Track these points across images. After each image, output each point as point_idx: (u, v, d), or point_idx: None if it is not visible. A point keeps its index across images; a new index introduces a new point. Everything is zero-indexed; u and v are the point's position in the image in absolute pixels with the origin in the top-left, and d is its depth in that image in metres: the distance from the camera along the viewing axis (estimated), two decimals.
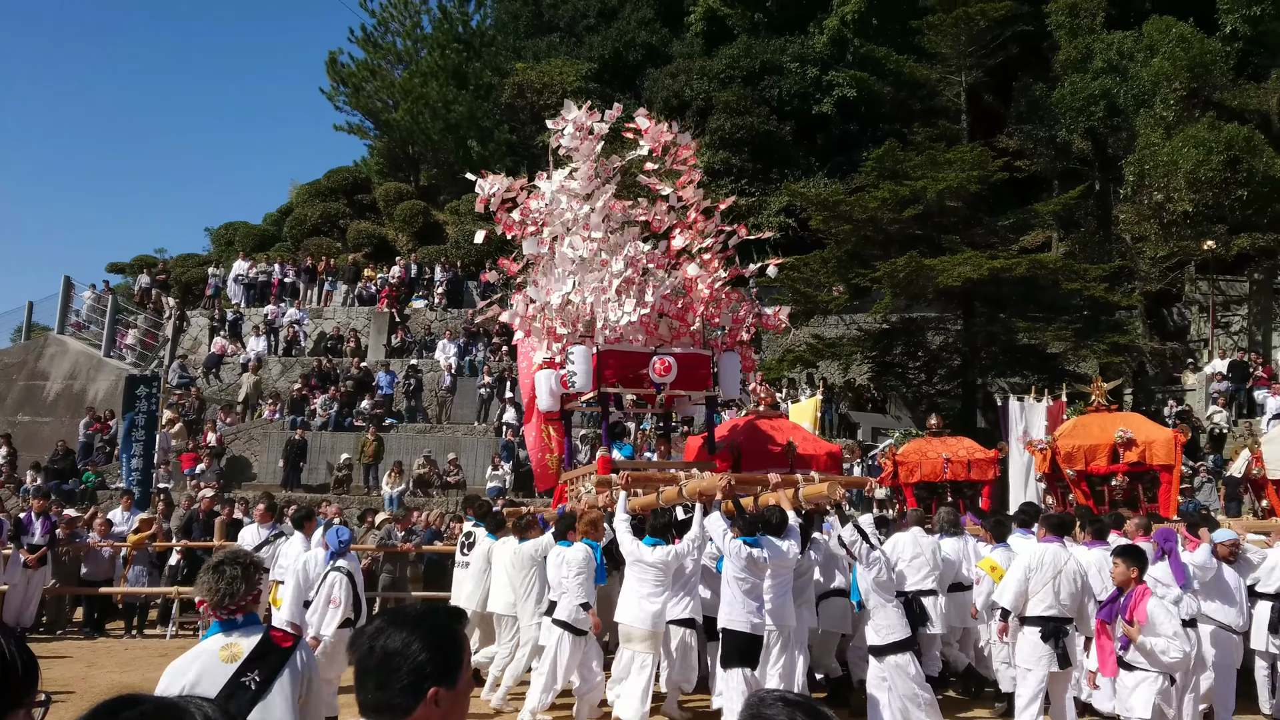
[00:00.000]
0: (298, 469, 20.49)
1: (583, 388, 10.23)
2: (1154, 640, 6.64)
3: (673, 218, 10.86)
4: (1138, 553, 7.15)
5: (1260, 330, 26.01)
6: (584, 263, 10.36)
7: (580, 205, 10.47)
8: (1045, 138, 25.77)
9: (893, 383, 23.77)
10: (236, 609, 4.06)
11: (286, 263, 29.01)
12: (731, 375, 10.84)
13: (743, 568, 7.74)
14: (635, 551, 8.39)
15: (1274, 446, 12.03)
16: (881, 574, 7.93)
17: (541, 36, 39.82)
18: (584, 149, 10.61)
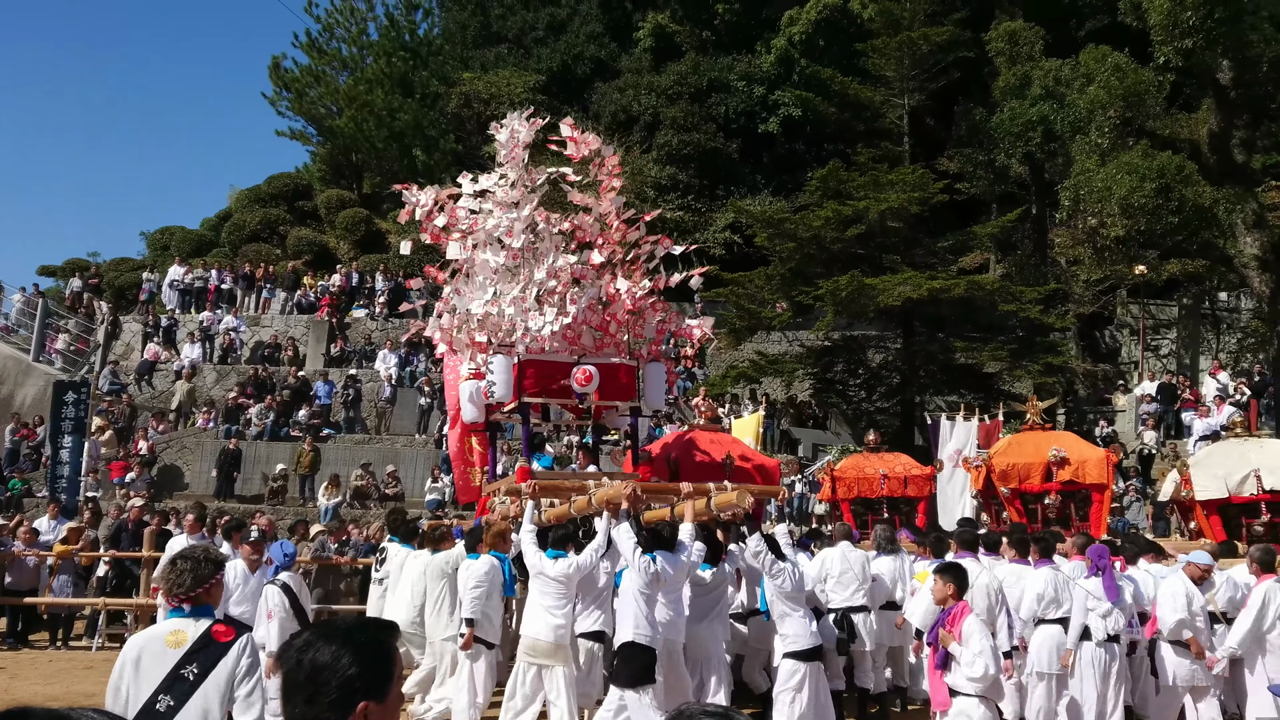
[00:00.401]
0: (231, 479, 20.12)
1: (503, 398, 10.10)
2: (962, 651, 6.67)
3: (597, 229, 10.80)
4: (957, 570, 7.21)
5: (1188, 354, 26.71)
6: (506, 271, 10.27)
7: (504, 213, 10.38)
8: (984, 161, 26.26)
9: (833, 399, 24.00)
10: (185, 599, 4.36)
11: (224, 269, 28.52)
12: (656, 386, 10.76)
13: (648, 582, 7.66)
14: (538, 564, 8.24)
15: (1201, 469, 12.17)
16: (786, 584, 7.93)
17: (489, 47, 39.75)
18: (514, 155, 10.55)
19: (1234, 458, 12.15)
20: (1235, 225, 18.76)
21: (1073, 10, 31.52)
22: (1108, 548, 9.03)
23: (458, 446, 12.66)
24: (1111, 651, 8.57)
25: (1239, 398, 20.89)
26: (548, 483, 9.34)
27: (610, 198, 10.79)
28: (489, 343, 10.30)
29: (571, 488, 9.09)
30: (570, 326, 10.32)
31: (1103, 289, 26.78)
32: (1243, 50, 18.03)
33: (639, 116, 33.53)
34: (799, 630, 7.94)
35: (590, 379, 9.85)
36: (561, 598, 8.20)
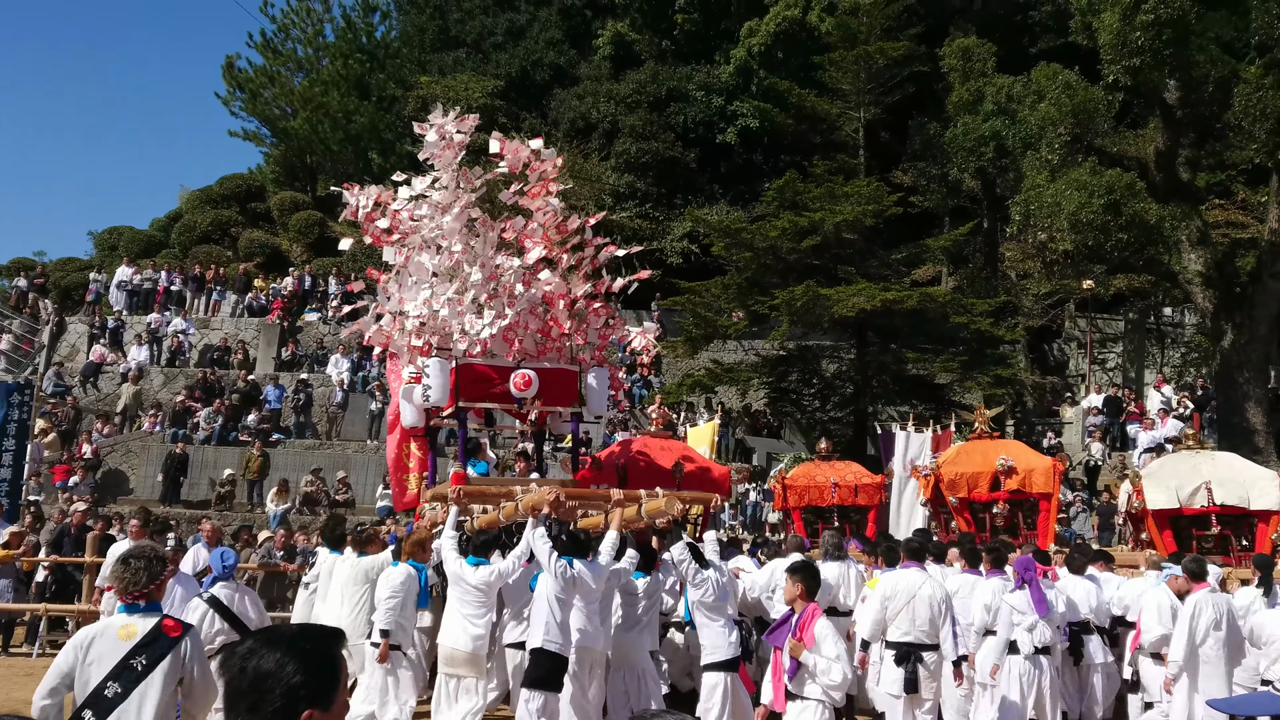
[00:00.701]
0: (177, 484, 19.79)
1: (438, 402, 9.90)
2: (817, 660, 6.45)
3: (538, 231, 10.62)
4: (808, 570, 7.04)
5: (1134, 367, 27.24)
6: (443, 273, 10.09)
7: (440, 215, 10.18)
8: (938, 175, 26.60)
9: (788, 409, 24.13)
10: (139, 595, 4.74)
11: (173, 270, 28.10)
12: (600, 392, 10.58)
13: (563, 587, 7.56)
14: (458, 571, 8.04)
15: (1153, 481, 12.30)
16: (708, 594, 7.82)
17: (448, 51, 39.60)
18: (445, 157, 10.33)
19: (1185, 470, 12.24)
20: (1180, 242, 19.16)
21: (1025, 28, 32.06)
22: (1034, 560, 9.04)
23: (395, 453, 12.44)
24: (1039, 664, 8.60)
25: (1182, 411, 21.34)
26: (473, 489, 9.14)
27: (548, 200, 10.61)
28: (428, 346, 10.12)
29: (498, 494, 8.92)
30: (511, 330, 10.16)
31: (1051, 303, 27.24)
32: (1189, 71, 18.44)
33: (598, 124, 33.57)
34: (719, 641, 7.82)
35: (529, 384, 9.69)
36: (481, 606, 7.98)
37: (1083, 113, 18.92)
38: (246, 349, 25.18)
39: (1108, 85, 19.15)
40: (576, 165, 30.99)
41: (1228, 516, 11.79)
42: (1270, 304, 18.89)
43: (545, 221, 10.57)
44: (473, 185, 10.39)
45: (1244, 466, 12.44)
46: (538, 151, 10.62)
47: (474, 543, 8.24)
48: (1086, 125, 19.18)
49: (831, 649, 6.46)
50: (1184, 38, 17.39)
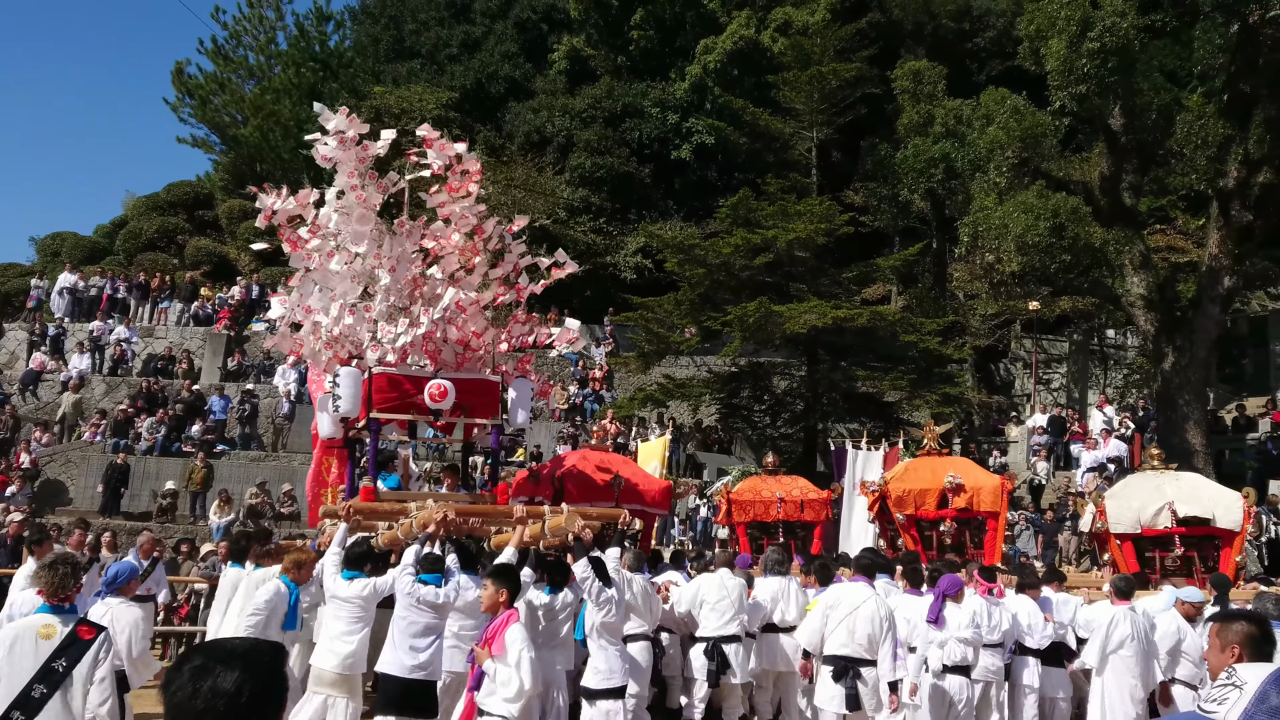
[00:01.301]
0: (118, 495, 19.39)
1: (349, 413, 9.50)
2: (499, 668, 6.09)
3: (457, 240, 10.22)
4: (509, 575, 6.71)
5: (1077, 388, 27.71)
6: (355, 279, 9.72)
7: (349, 220, 9.78)
8: (888, 196, 26.91)
9: (739, 425, 24.23)
10: (63, 598, 5.20)
11: (118, 277, 27.58)
12: (522, 403, 10.25)
13: (409, 605, 7.21)
14: (331, 586, 7.71)
15: (1116, 501, 12.19)
16: (610, 615, 7.58)
17: (402, 62, 39.42)
18: (347, 157, 9.84)
19: (1148, 490, 12.14)
20: (1123, 265, 19.55)
21: (974, 53, 32.66)
22: (959, 578, 9.00)
23: (315, 466, 12.08)
24: (956, 684, 8.53)
25: (1124, 431, 21.74)
26: (364, 507, 8.81)
27: (466, 200, 10.23)
28: (349, 356, 9.75)
29: (390, 511, 8.64)
30: (429, 339, 9.85)
31: (998, 323, 27.65)
32: (1133, 98, 18.86)
33: (552, 138, 33.57)
34: (613, 666, 7.60)
35: (445, 394, 9.34)
36: (356, 621, 7.61)
37: (1030, 137, 19.25)
38: (191, 358, 24.76)
39: (1054, 111, 19.51)
40: (531, 179, 30.98)
41: (1191, 538, 11.68)
42: (1209, 328, 19.31)
43: (460, 225, 10.19)
44: (385, 189, 10.02)
45: (1208, 487, 12.35)
46: (461, 155, 10.32)
47: (347, 556, 7.87)
48: (1034, 149, 19.51)
49: (514, 656, 6.04)
50: (1128, 66, 17.78)
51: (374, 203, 9.86)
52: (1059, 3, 18.11)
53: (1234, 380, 26.86)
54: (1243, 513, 11.60)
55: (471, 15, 40.52)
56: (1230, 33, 18.36)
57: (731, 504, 13.77)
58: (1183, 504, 11.63)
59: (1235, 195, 19.01)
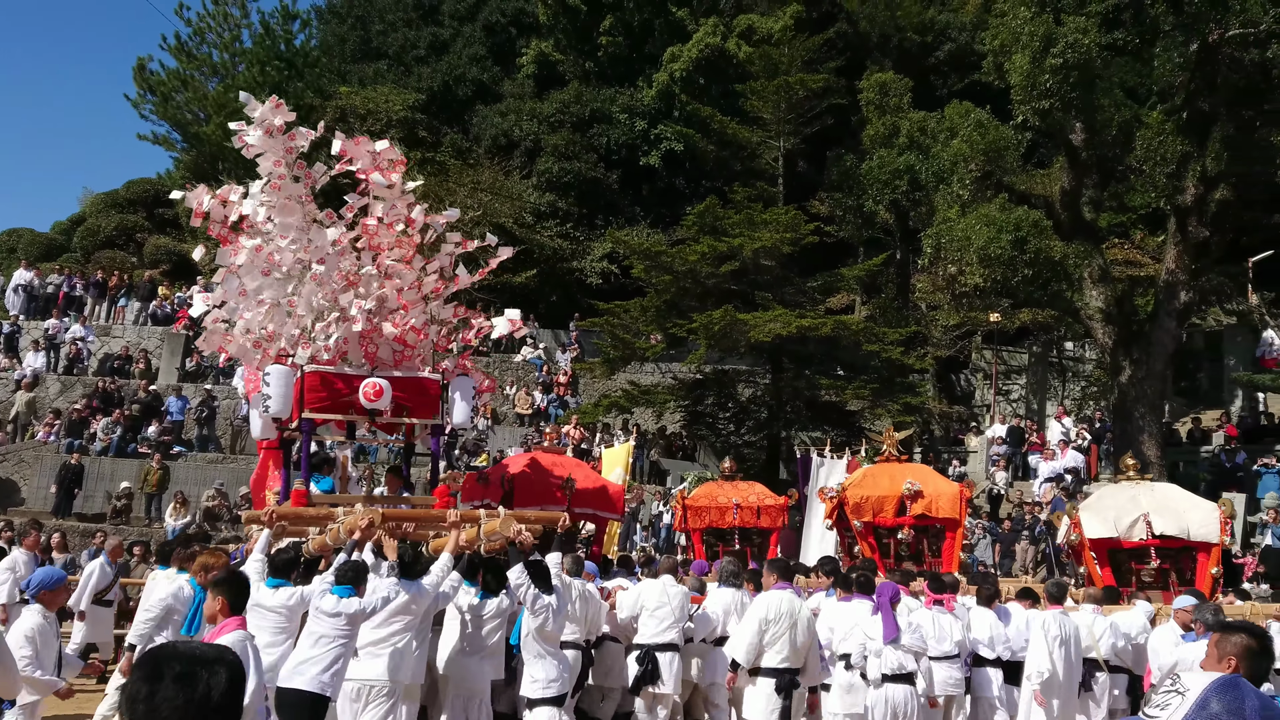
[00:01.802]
0: (71, 496, 19.07)
1: (279, 413, 9.01)
2: None
3: (388, 234, 9.71)
4: (233, 583, 6.10)
5: (1036, 399, 28.04)
6: (282, 273, 9.25)
7: (276, 214, 9.35)
8: (853, 206, 27.08)
9: (703, 432, 24.27)
10: None
11: (75, 275, 27.16)
12: (464, 402, 9.79)
13: (313, 616, 6.91)
14: (255, 595, 7.16)
15: (1090, 511, 11.94)
16: (547, 624, 7.46)
17: (368, 63, 39.19)
18: (273, 146, 9.44)
19: (1124, 500, 11.89)
20: (1082, 279, 19.80)
21: (937, 67, 32.99)
22: (898, 586, 8.83)
23: (259, 467, 11.65)
24: (900, 693, 8.27)
25: (1081, 443, 22.02)
26: (289, 512, 8.39)
27: (390, 192, 9.71)
28: (273, 353, 9.32)
29: (316, 517, 8.28)
30: (365, 337, 9.43)
31: (959, 334, 27.93)
32: (1094, 114, 19.13)
33: (520, 142, 33.50)
34: (549, 674, 7.49)
35: (380, 394, 8.93)
36: (280, 632, 7.20)
37: (993, 150, 19.47)
38: (149, 358, 24.42)
39: (1017, 125, 19.75)
40: (498, 182, 30.90)
41: (1168, 549, 11.47)
42: (1166, 342, 19.61)
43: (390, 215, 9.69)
44: (311, 180, 9.61)
45: (1184, 498, 12.12)
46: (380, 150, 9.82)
47: (272, 563, 7.47)
48: (996, 163, 19.73)
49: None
50: (1090, 82, 18.03)
51: (300, 193, 9.45)
52: (1023, 19, 18.35)
53: (1189, 394, 27.30)
54: (1219, 524, 11.42)
55: (440, 17, 40.37)
56: (1190, 51, 18.68)
57: (687, 509, 13.50)
58: (1157, 515, 11.42)
59: (1193, 211, 19.32)
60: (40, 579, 6.86)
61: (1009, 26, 18.75)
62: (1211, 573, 11.26)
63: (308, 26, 39.98)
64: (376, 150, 9.79)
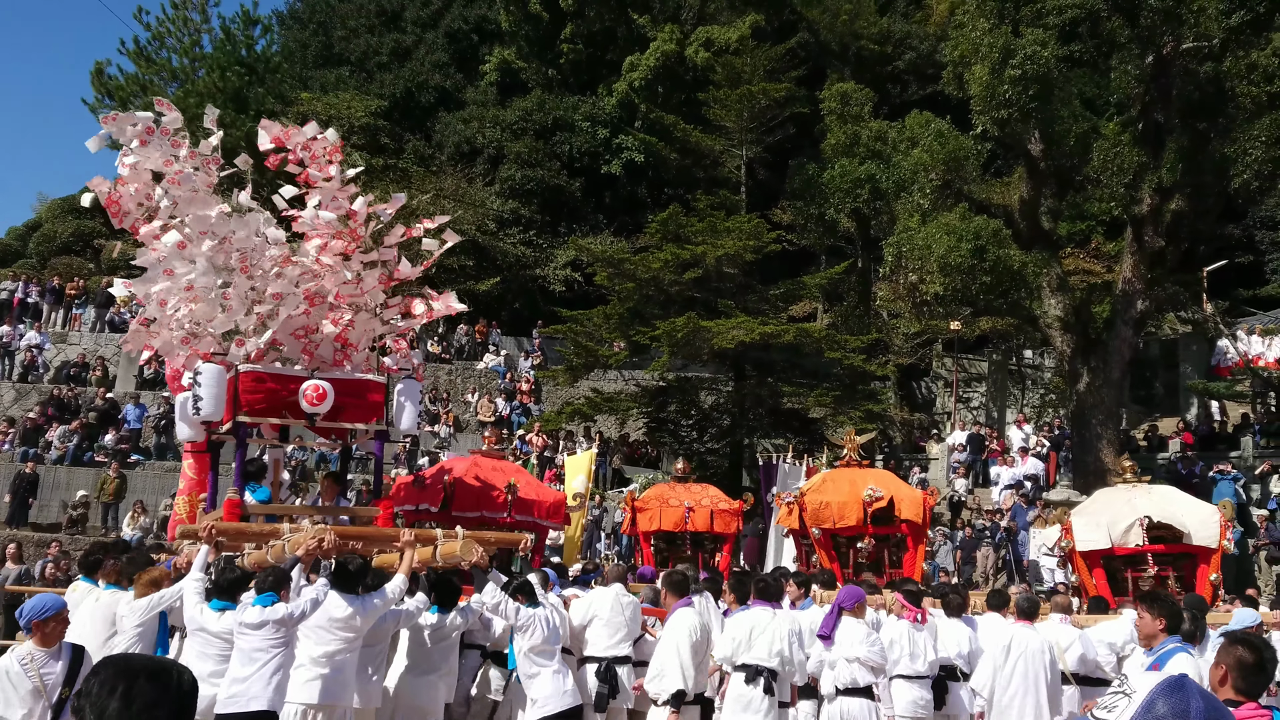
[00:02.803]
0: (26, 505, 18.72)
1: (211, 415, 8.33)
2: None
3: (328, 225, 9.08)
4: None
5: (996, 406, 28.31)
6: (207, 267, 8.59)
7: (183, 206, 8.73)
8: (815, 215, 27.25)
9: (666, 439, 24.29)
10: None
11: (30, 281, 26.73)
12: (409, 407, 9.20)
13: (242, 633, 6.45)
14: (197, 618, 6.76)
15: (1083, 517, 11.29)
16: (537, 636, 7.20)
17: (330, 69, 38.97)
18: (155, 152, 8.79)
19: (1119, 504, 11.18)
20: (1041, 288, 20.04)
21: (896, 76, 33.33)
22: (861, 591, 8.47)
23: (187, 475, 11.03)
24: (857, 706, 7.93)
25: (1040, 450, 22.25)
26: (229, 527, 7.76)
27: (329, 184, 9.15)
28: (211, 352, 8.71)
29: (259, 533, 7.70)
30: (306, 335, 8.88)
31: (920, 342, 28.16)
32: (1052, 125, 19.39)
33: (483, 149, 33.43)
34: (551, 689, 7.19)
35: (323, 397, 8.33)
36: (224, 660, 6.60)
37: (953, 160, 19.67)
38: (106, 365, 24.06)
39: (977, 135, 19.97)
40: (460, 189, 30.80)
41: (1166, 555, 10.79)
42: (1123, 349, 19.87)
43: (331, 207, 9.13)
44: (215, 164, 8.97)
45: (1183, 501, 11.40)
46: (315, 136, 9.26)
47: (216, 583, 6.92)
48: (956, 172, 19.93)
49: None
50: (1048, 93, 18.26)
51: (210, 182, 8.79)
52: (982, 30, 18.57)
53: (1146, 401, 27.70)
54: (1219, 527, 10.80)
55: (402, 24, 40.20)
56: (1145, 64, 18.99)
57: (636, 512, 12.69)
58: (1155, 518, 10.76)
59: (1148, 221, 19.62)
60: (32, 607, 5.94)
61: (968, 38, 18.97)
62: (1211, 579, 10.63)
63: (269, 32, 39.57)
64: (311, 137, 9.18)
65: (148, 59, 35.31)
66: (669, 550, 12.62)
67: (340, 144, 9.53)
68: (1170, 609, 5.74)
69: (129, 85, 34.37)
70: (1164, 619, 5.59)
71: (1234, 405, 24.56)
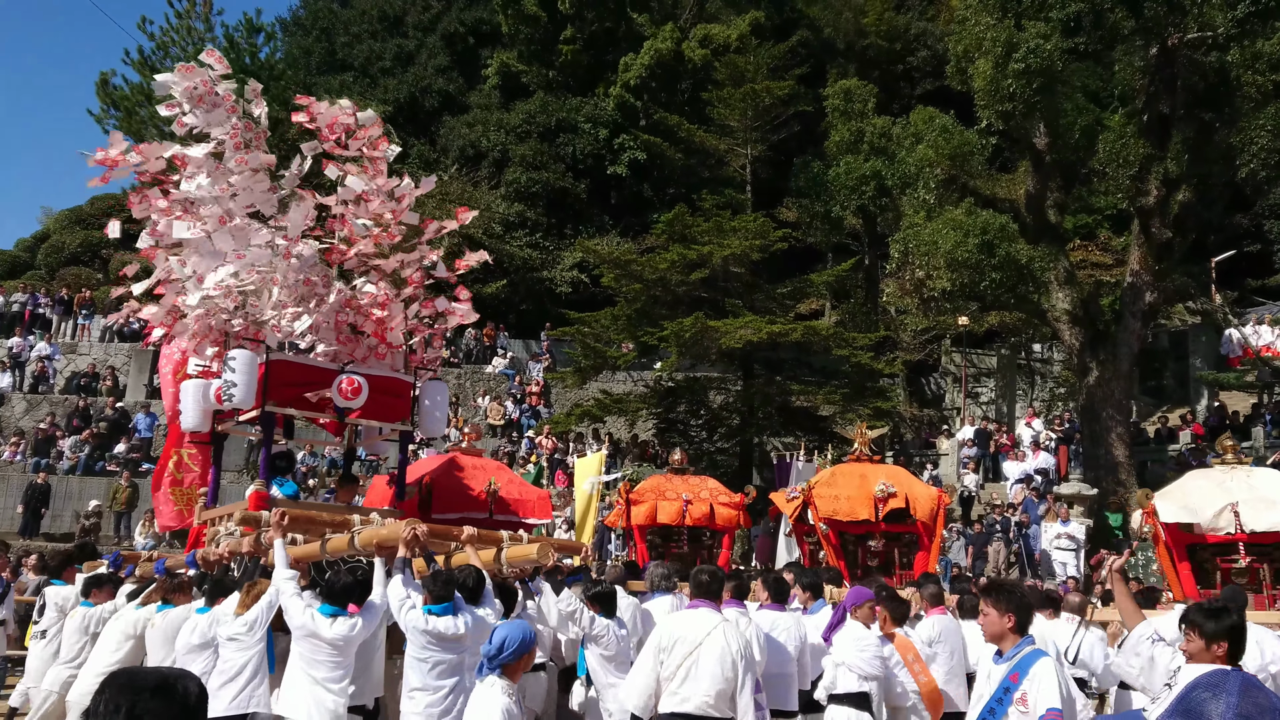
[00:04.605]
0: (39, 515, 18.82)
1: (242, 403, 8.02)
2: None
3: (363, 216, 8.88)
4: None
5: (1005, 401, 28.25)
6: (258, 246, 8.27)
7: (228, 188, 8.46)
8: (821, 212, 27.27)
9: (675, 439, 24.28)
10: None
11: (39, 292, 26.84)
12: (437, 408, 8.93)
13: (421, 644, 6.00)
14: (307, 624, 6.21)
15: (1169, 501, 10.09)
16: (609, 647, 6.90)
17: (334, 74, 39.04)
18: (216, 116, 8.48)
19: (1209, 489, 9.99)
20: (1049, 282, 20.00)
21: (906, 73, 33.27)
22: (869, 591, 7.46)
23: (162, 460, 10.62)
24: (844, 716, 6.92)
25: (1049, 444, 22.19)
26: (302, 512, 7.37)
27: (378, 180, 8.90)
28: (222, 333, 8.40)
29: (329, 521, 7.26)
30: (339, 329, 8.63)
31: (928, 338, 28.13)
32: (1057, 118, 19.35)
33: (488, 152, 33.47)
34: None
35: (359, 391, 8.09)
36: (338, 668, 6.17)
37: (958, 155, 19.65)
38: (116, 375, 24.15)
39: (981, 130, 19.93)
40: (466, 193, 30.84)
41: (1261, 546, 9.55)
42: (1131, 342, 19.82)
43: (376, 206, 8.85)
44: (262, 144, 8.73)
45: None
46: (356, 117, 8.93)
47: (329, 588, 6.32)
48: (961, 167, 19.91)
49: None
50: (1052, 86, 18.23)
51: (266, 161, 8.56)
52: (985, 25, 18.54)
53: (1155, 393, 27.60)
54: None
55: (404, 28, 40.29)
56: (1149, 55, 18.94)
57: (630, 504, 11.91)
58: (1249, 507, 9.49)
59: (1155, 213, 19.56)
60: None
61: (972, 33, 18.94)
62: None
63: (272, 39, 39.67)
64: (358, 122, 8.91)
65: (152, 68, 35.40)
66: (664, 545, 12.05)
67: (384, 139, 9.25)
68: (1020, 603, 4.88)
69: (134, 95, 34.49)
70: (1012, 615, 4.82)
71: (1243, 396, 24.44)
